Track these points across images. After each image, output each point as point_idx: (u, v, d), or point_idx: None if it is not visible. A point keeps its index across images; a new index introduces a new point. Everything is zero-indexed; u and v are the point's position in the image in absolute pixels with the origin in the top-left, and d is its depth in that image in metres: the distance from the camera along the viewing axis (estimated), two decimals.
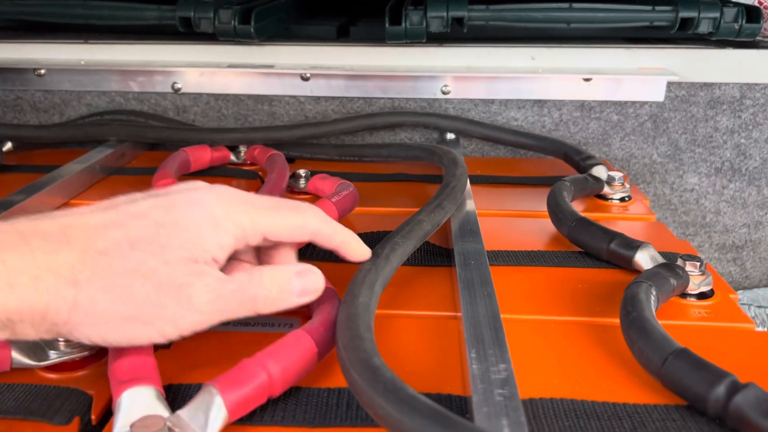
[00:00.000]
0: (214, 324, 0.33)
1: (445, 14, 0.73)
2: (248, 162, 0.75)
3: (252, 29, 0.75)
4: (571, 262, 0.50)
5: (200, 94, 0.83)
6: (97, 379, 0.36)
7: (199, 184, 0.36)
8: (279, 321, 0.42)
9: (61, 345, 0.37)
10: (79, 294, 0.30)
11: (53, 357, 0.37)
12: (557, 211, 0.54)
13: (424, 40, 0.76)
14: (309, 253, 0.51)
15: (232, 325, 0.42)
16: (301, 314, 0.43)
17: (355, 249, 0.40)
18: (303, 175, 0.66)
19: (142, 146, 0.79)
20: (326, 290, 0.41)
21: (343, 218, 0.56)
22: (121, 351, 0.34)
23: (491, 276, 0.43)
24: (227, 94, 0.83)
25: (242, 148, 0.75)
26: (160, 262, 0.31)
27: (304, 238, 0.37)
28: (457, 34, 0.80)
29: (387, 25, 0.75)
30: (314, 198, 0.65)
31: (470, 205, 0.56)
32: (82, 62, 0.81)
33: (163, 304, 0.31)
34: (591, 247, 0.50)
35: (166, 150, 0.78)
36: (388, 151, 0.74)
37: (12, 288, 0.28)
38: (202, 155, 0.71)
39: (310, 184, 0.65)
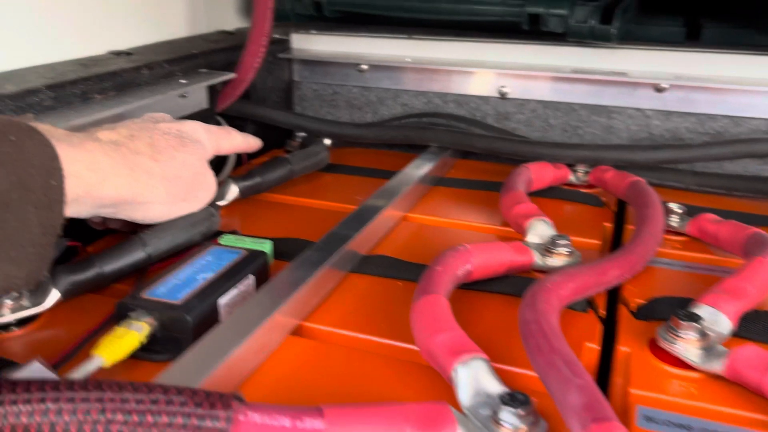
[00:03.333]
0: None
1: None
2: (588, 184, 0.64)
3: (613, 30, 0.64)
4: None
5: (527, 101, 0.74)
6: None
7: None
8: None
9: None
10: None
11: None
12: None
13: None
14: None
15: None
16: None
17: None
18: (679, 211, 0.54)
19: (457, 154, 0.73)
20: None
21: None
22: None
23: None
24: (558, 102, 0.73)
25: (580, 168, 0.65)
26: None
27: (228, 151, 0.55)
28: None
29: None
30: (690, 241, 0.53)
31: None
32: (408, 59, 0.76)
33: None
34: None
35: (482, 161, 0.71)
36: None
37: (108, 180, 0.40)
38: (544, 174, 0.62)
39: (694, 225, 0.53)
